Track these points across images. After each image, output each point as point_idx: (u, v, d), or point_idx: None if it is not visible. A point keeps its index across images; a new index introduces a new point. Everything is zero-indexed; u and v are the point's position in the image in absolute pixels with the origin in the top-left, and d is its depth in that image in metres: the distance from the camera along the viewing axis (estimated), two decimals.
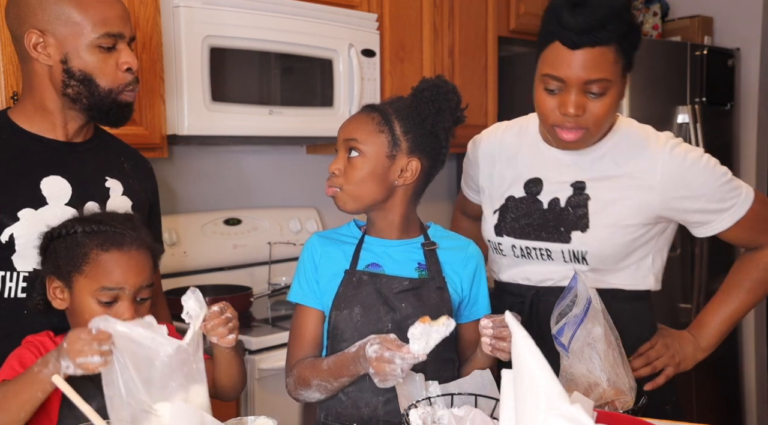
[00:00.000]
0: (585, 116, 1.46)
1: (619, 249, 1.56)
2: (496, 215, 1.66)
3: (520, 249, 1.63)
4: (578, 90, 1.44)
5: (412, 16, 2.98)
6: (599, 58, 1.41)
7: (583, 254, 1.56)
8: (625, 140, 1.57)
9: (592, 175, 1.57)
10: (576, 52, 1.41)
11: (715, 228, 1.58)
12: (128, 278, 1.33)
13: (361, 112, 1.52)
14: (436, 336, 1.26)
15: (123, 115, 1.55)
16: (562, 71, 1.43)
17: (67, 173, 1.52)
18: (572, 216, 1.56)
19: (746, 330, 3.68)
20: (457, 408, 1.18)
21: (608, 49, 1.41)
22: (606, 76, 1.42)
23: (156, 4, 2.23)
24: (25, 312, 1.46)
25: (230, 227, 2.76)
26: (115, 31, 1.49)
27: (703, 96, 3.33)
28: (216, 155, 2.82)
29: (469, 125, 3.67)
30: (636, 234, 1.56)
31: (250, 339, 2.17)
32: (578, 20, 1.38)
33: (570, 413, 0.84)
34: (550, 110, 1.49)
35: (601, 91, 1.44)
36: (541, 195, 1.61)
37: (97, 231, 1.35)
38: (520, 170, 1.65)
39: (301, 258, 1.54)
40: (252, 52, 2.40)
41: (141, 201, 1.64)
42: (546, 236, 1.59)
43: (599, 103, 1.45)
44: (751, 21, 3.63)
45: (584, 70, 1.41)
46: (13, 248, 1.45)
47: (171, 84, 2.26)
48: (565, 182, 1.59)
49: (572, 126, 1.47)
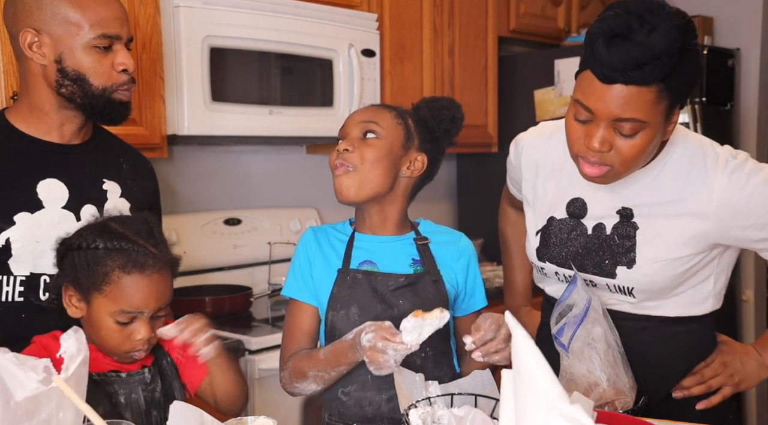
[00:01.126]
0: (611, 153, 1.30)
1: (669, 282, 1.42)
2: (538, 237, 1.55)
3: (564, 276, 1.53)
4: (607, 125, 1.28)
5: (412, 16, 2.98)
6: (635, 97, 1.24)
7: (630, 290, 1.44)
8: (678, 160, 1.41)
9: (640, 201, 1.42)
10: (609, 87, 1.25)
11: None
12: (149, 303, 1.32)
13: (375, 105, 1.56)
14: (429, 328, 1.27)
15: (119, 113, 1.54)
16: (592, 102, 1.28)
17: (64, 175, 1.51)
18: (618, 248, 1.43)
19: (746, 331, 3.68)
20: (457, 408, 1.18)
21: (648, 89, 1.24)
22: (640, 117, 1.25)
23: (156, 4, 2.23)
24: (23, 316, 1.45)
25: (230, 227, 2.76)
26: (112, 32, 1.48)
27: (703, 96, 3.33)
28: (216, 155, 2.82)
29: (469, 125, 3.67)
30: (690, 264, 1.41)
31: (250, 339, 2.17)
32: (612, 56, 1.22)
33: (570, 413, 0.84)
34: (576, 138, 1.34)
35: (632, 132, 1.27)
36: (585, 219, 1.48)
37: (119, 249, 1.31)
38: (564, 186, 1.51)
39: (297, 253, 1.54)
40: (252, 52, 2.40)
41: (140, 203, 1.63)
42: (590, 268, 1.47)
43: (629, 143, 1.29)
44: (751, 21, 3.63)
45: (616, 106, 1.25)
46: (9, 252, 1.44)
47: (171, 84, 2.26)
48: (610, 209, 1.45)
49: (596, 161, 1.32)
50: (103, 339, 1.33)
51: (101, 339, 1.34)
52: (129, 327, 1.32)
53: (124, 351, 1.34)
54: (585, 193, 1.48)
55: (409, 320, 1.27)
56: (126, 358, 1.35)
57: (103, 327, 1.32)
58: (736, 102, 3.61)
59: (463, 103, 3.50)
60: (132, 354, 1.34)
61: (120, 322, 1.31)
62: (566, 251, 1.50)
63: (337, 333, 1.46)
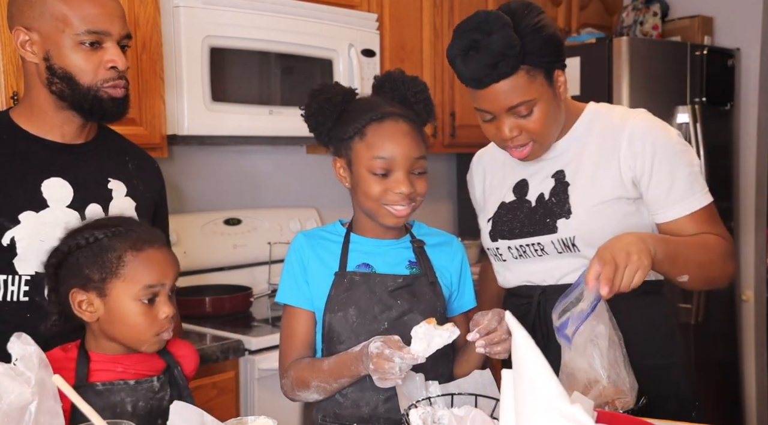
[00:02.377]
0: (523, 134, 1.51)
1: (607, 229, 1.50)
2: (489, 223, 1.68)
3: (516, 249, 1.63)
4: (506, 115, 1.48)
5: (412, 16, 2.98)
6: (510, 86, 1.45)
7: (573, 241, 1.55)
8: (596, 119, 1.60)
9: (568, 161, 1.60)
10: (486, 90, 1.46)
11: (666, 215, 1.54)
12: (167, 273, 1.36)
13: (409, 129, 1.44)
14: (438, 341, 1.26)
15: (110, 111, 1.51)
16: (485, 105, 1.49)
17: (69, 174, 1.51)
18: (555, 206, 1.58)
19: (746, 331, 3.68)
20: (457, 408, 1.18)
21: (515, 76, 1.44)
22: (525, 98, 1.46)
23: (156, 4, 2.23)
24: (29, 315, 1.45)
25: (230, 227, 2.76)
26: (100, 29, 1.46)
27: (703, 96, 3.33)
28: (216, 155, 2.82)
29: (470, 124, 3.65)
30: (621, 210, 1.54)
31: (250, 339, 2.17)
32: (471, 69, 1.44)
33: (570, 413, 0.84)
34: (493, 134, 1.55)
35: (528, 111, 1.48)
36: (529, 194, 1.63)
37: (122, 233, 1.34)
38: (507, 175, 1.68)
39: (288, 259, 1.53)
40: (252, 52, 2.40)
41: (145, 201, 1.63)
42: (534, 230, 1.59)
43: (531, 120, 1.49)
44: (751, 21, 3.63)
45: (502, 100, 1.46)
46: (15, 251, 1.44)
47: (171, 84, 2.26)
48: (546, 177, 1.61)
49: (516, 145, 1.53)
50: (131, 327, 1.33)
51: (129, 328, 1.33)
52: (153, 307, 1.33)
53: (154, 334, 1.34)
54: (526, 173, 1.65)
55: (422, 326, 1.27)
56: (155, 344, 1.36)
57: (129, 313, 1.32)
58: (736, 102, 3.61)
59: (463, 103, 3.50)
60: (161, 335, 1.35)
61: (144, 300, 1.32)
62: (514, 225, 1.63)
63: (335, 335, 1.45)
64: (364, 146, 1.42)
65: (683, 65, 3.30)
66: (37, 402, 1.10)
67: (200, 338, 2.18)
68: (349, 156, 1.45)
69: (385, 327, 1.44)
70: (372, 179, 1.42)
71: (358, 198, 1.47)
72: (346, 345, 1.43)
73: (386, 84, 1.50)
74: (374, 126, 1.42)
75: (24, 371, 1.12)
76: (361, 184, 1.44)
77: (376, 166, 1.41)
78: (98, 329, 1.35)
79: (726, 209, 3.48)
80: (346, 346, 1.43)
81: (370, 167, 1.42)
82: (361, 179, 1.43)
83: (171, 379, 1.40)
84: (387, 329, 1.44)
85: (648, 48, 3.25)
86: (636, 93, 3.08)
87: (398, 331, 1.39)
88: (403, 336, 1.43)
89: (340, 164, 1.48)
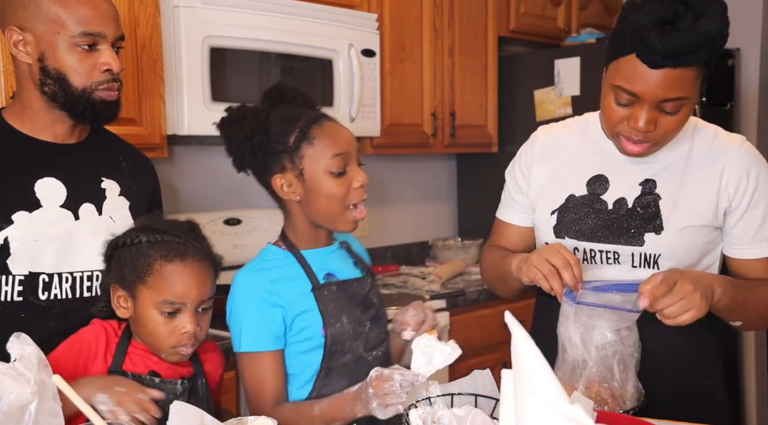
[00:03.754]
0: (655, 131, 1.38)
1: (693, 252, 1.46)
2: (554, 217, 1.56)
3: (583, 253, 1.52)
4: (652, 106, 1.35)
5: (412, 16, 2.98)
6: (680, 78, 1.32)
7: (656, 258, 1.46)
8: (698, 135, 1.51)
9: (662, 171, 1.49)
10: (655, 71, 1.31)
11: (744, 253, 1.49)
12: (190, 291, 1.34)
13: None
14: (439, 357, 1.25)
15: (102, 114, 1.50)
16: (638, 87, 1.34)
17: (62, 174, 1.51)
18: (643, 217, 1.47)
19: (746, 331, 3.68)
20: (457, 408, 1.18)
21: (692, 68, 1.32)
22: (684, 95, 1.34)
23: (156, 4, 2.23)
24: (23, 315, 1.45)
25: (230, 227, 2.76)
26: (95, 31, 1.45)
27: (703, 96, 3.33)
28: (216, 155, 2.81)
29: (469, 125, 3.65)
30: (709, 237, 1.48)
31: None
32: (666, 44, 1.27)
33: (570, 413, 0.84)
34: (617, 120, 1.40)
35: (675, 109, 1.36)
36: (606, 195, 1.51)
37: (161, 241, 1.35)
38: (583, 167, 1.55)
39: (246, 302, 1.43)
40: (252, 52, 2.40)
41: (139, 201, 1.63)
42: (614, 238, 1.49)
43: (672, 119, 1.37)
44: (751, 21, 3.63)
45: (663, 89, 1.32)
46: (8, 251, 1.44)
47: (171, 84, 2.26)
48: (632, 182, 1.50)
49: (639, 139, 1.39)
50: (150, 334, 1.35)
51: (149, 335, 1.35)
52: (175, 319, 1.34)
53: (171, 346, 1.35)
54: (606, 170, 1.52)
55: (423, 338, 1.27)
56: (173, 355, 1.36)
57: (150, 320, 1.34)
58: (736, 102, 3.61)
59: (463, 103, 3.50)
60: (178, 348, 1.35)
61: (165, 313, 1.33)
62: (586, 225, 1.51)
63: (339, 347, 1.43)
64: (317, 149, 1.41)
65: None
66: (37, 402, 1.11)
67: None
68: (300, 165, 1.42)
69: (368, 327, 1.47)
70: (333, 180, 1.41)
71: (315, 206, 1.44)
72: (349, 355, 1.44)
73: (287, 93, 1.49)
74: (317, 129, 1.42)
75: (24, 371, 1.12)
76: (323, 188, 1.42)
77: (334, 164, 1.41)
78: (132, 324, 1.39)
79: None
80: (349, 356, 1.43)
81: (328, 167, 1.41)
82: (321, 183, 1.42)
83: (193, 387, 1.41)
84: (370, 328, 1.48)
85: None
86: None
87: (379, 329, 1.48)
88: (381, 332, 1.51)
89: (285, 179, 1.43)
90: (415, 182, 3.51)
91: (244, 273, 1.47)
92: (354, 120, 2.68)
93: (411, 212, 3.51)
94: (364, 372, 1.32)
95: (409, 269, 3.23)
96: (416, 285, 2.93)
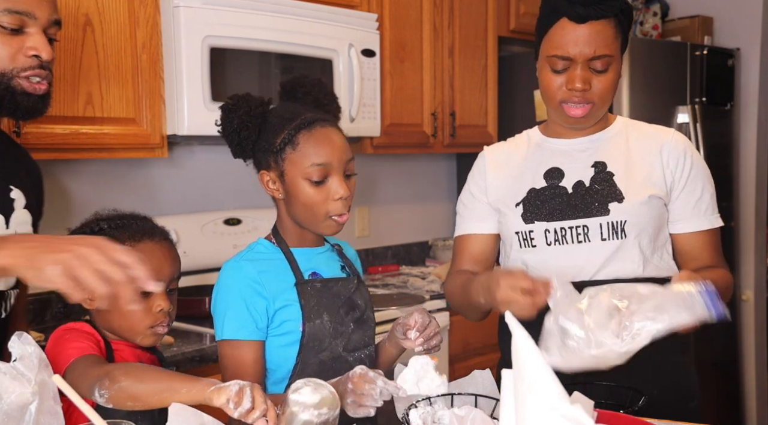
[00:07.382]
0: (591, 91, 1.55)
1: (653, 220, 1.58)
2: (519, 207, 1.63)
3: (554, 232, 1.59)
4: (584, 66, 1.53)
5: (412, 16, 2.98)
6: (603, 33, 1.51)
7: (623, 225, 1.56)
8: (631, 125, 1.67)
9: (608, 154, 1.62)
10: (580, 29, 1.51)
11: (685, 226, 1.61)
12: (162, 268, 1.38)
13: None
14: (428, 384, 1.23)
15: (23, 106, 1.32)
16: (569, 49, 1.52)
17: None
18: (603, 191, 1.58)
19: (746, 330, 3.68)
20: (457, 408, 1.18)
21: (609, 23, 1.52)
22: (609, 52, 1.53)
23: (156, 4, 2.23)
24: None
25: (230, 227, 2.76)
26: (22, 9, 1.28)
27: (703, 96, 3.33)
28: (216, 155, 2.82)
29: (470, 124, 3.65)
30: (662, 210, 1.60)
31: None
32: None
33: (570, 413, 0.84)
34: (557, 87, 1.56)
35: (604, 67, 1.53)
36: (564, 181, 1.62)
37: (124, 225, 1.39)
38: (535, 166, 1.65)
39: (231, 289, 1.42)
40: (252, 52, 2.40)
41: (35, 216, 1.47)
42: (582, 213, 1.58)
43: (603, 78, 1.54)
44: (751, 21, 3.63)
45: (589, 45, 1.51)
46: None
47: (171, 84, 2.26)
48: (584, 165, 1.62)
49: (579, 101, 1.55)
50: (125, 318, 1.35)
51: (123, 318, 1.35)
52: (148, 300, 1.35)
53: (148, 326, 1.36)
54: (557, 163, 1.64)
55: (422, 358, 1.25)
56: (149, 336, 1.38)
57: None
58: (736, 102, 3.61)
59: (463, 103, 3.50)
60: (155, 328, 1.37)
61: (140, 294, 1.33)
62: (552, 208, 1.61)
63: (316, 343, 1.43)
64: (299, 155, 1.41)
65: (683, 65, 3.30)
66: (37, 402, 1.11)
67: (200, 338, 2.18)
68: (282, 167, 1.43)
69: (351, 328, 1.47)
70: (310, 188, 1.41)
71: (294, 209, 1.44)
72: (326, 353, 1.43)
73: (298, 88, 1.50)
74: (305, 134, 1.42)
75: (24, 371, 1.12)
76: (300, 195, 1.42)
77: (313, 173, 1.40)
78: (97, 317, 1.38)
79: (726, 209, 3.48)
80: (326, 354, 1.42)
81: (307, 175, 1.41)
82: (299, 189, 1.42)
83: None
84: (353, 330, 1.47)
85: (648, 48, 3.25)
86: (636, 93, 3.08)
87: (363, 331, 1.47)
88: (365, 335, 1.50)
89: (270, 177, 1.45)
90: (415, 182, 3.51)
91: (231, 262, 1.47)
92: (354, 120, 2.68)
93: (411, 212, 3.51)
94: (343, 372, 1.30)
95: (409, 269, 3.23)
96: (416, 285, 2.93)
